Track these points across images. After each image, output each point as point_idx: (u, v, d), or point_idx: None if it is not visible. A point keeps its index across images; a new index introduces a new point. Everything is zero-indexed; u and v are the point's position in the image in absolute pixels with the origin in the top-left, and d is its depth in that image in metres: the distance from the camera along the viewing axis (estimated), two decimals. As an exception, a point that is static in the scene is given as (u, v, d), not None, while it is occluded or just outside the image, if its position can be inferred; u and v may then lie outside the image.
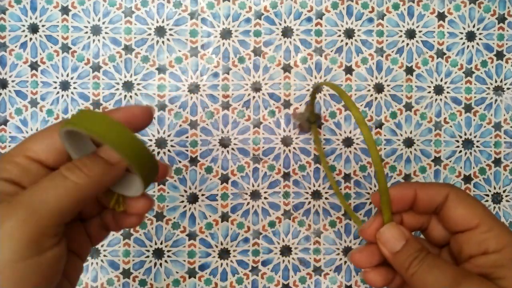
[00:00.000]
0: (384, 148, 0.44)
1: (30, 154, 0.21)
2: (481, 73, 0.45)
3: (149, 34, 0.44)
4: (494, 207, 0.44)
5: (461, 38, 0.45)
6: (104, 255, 0.44)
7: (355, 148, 0.44)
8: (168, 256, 0.44)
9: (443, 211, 0.25)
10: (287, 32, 0.44)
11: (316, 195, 0.44)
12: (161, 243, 0.44)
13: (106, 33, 0.44)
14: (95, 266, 0.43)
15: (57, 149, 0.21)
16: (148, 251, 0.44)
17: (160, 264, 0.44)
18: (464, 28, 0.45)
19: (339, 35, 0.44)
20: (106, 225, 0.26)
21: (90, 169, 0.20)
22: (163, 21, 0.44)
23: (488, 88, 0.45)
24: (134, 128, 0.23)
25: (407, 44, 0.44)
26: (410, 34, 0.44)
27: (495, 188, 0.44)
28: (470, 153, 0.44)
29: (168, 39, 0.44)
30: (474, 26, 0.45)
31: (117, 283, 0.43)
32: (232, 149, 0.44)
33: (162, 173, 0.24)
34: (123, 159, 0.20)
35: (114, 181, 0.21)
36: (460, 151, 0.44)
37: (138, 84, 0.44)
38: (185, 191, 0.44)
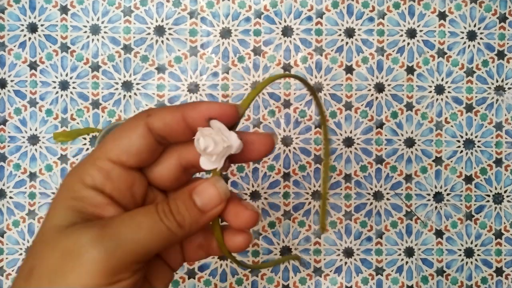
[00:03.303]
0: (385, 148, 0.44)
1: (112, 156, 0.20)
2: (482, 72, 0.44)
3: (149, 34, 0.44)
4: (495, 208, 0.44)
5: (462, 38, 0.44)
6: (103, 256, 0.43)
7: (355, 148, 0.44)
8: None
9: None
10: (287, 31, 0.44)
11: (317, 195, 0.44)
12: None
13: (105, 32, 0.44)
14: (94, 267, 0.43)
15: (137, 149, 0.20)
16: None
17: (160, 265, 0.43)
18: (465, 28, 0.44)
19: (340, 34, 0.44)
20: (205, 248, 0.24)
21: (183, 219, 0.19)
22: (162, 20, 0.44)
23: (489, 87, 0.44)
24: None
25: (408, 44, 0.44)
26: (411, 33, 0.44)
27: (496, 188, 0.44)
28: (471, 153, 0.44)
29: (167, 39, 0.44)
30: (475, 26, 0.44)
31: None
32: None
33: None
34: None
35: (204, 227, 0.21)
36: (461, 151, 0.44)
37: (138, 83, 0.44)
38: (185, 191, 0.44)
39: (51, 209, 0.19)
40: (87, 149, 0.43)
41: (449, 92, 0.44)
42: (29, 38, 0.44)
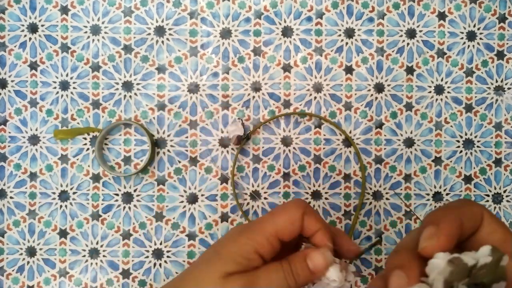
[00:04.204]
0: (384, 148, 0.44)
1: (279, 235, 0.28)
2: (482, 73, 0.44)
3: (149, 34, 0.44)
4: (495, 207, 0.44)
5: (462, 38, 0.44)
6: (104, 256, 0.43)
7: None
8: (168, 257, 0.43)
9: (475, 236, 0.23)
10: (287, 32, 0.44)
11: (316, 195, 0.44)
12: (161, 244, 0.44)
13: (105, 32, 0.44)
14: (94, 267, 0.43)
15: (296, 229, 0.28)
16: (147, 251, 0.44)
17: (160, 265, 0.44)
18: (464, 28, 0.44)
19: (339, 35, 0.44)
20: None
21: (298, 277, 0.27)
22: (162, 21, 0.44)
23: (489, 88, 0.44)
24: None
25: (408, 44, 0.44)
26: (411, 33, 0.44)
27: (495, 188, 0.44)
28: (471, 153, 0.44)
29: (167, 39, 0.44)
30: (474, 26, 0.44)
31: (117, 283, 0.43)
32: (232, 149, 0.44)
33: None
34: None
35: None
36: (461, 151, 0.44)
37: (138, 84, 0.44)
38: (185, 191, 0.44)
39: (217, 255, 0.28)
40: (87, 149, 0.44)
41: (448, 92, 0.44)
42: (30, 38, 0.44)
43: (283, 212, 0.29)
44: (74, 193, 0.44)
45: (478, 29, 0.44)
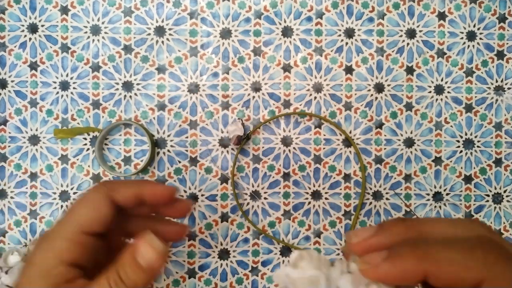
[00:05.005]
0: (384, 148, 0.44)
1: (86, 228, 0.23)
2: (482, 73, 0.44)
3: (149, 34, 0.44)
4: (495, 208, 0.44)
5: (462, 38, 0.44)
6: (104, 255, 0.44)
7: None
8: (168, 257, 0.44)
9: None
10: (287, 32, 0.44)
11: (316, 195, 0.44)
12: (161, 243, 0.44)
13: (105, 33, 0.44)
14: (95, 266, 0.43)
15: (106, 218, 0.24)
16: (148, 251, 0.44)
17: (160, 264, 0.44)
18: (464, 28, 0.44)
19: (339, 35, 0.44)
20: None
21: (133, 283, 0.22)
22: (162, 21, 0.44)
23: (489, 88, 0.44)
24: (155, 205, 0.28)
25: (408, 44, 0.44)
26: (411, 33, 0.44)
27: (495, 188, 0.44)
28: (471, 153, 0.44)
29: (167, 39, 0.44)
30: (474, 26, 0.44)
31: (117, 283, 0.43)
32: (232, 149, 0.44)
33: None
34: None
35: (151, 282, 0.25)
36: (461, 151, 0.44)
37: (138, 84, 0.44)
38: (185, 191, 0.44)
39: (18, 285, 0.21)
40: (87, 149, 0.44)
41: (448, 92, 0.44)
42: (30, 39, 0.44)
43: (81, 204, 0.24)
44: (74, 193, 0.44)
45: (478, 29, 0.44)
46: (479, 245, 0.17)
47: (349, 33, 0.44)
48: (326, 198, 0.44)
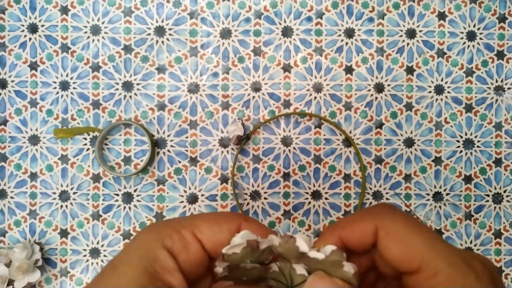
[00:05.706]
0: (384, 148, 0.44)
1: (197, 233, 0.21)
2: (482, 73, 0.44)
3: (149, 34, 0.44)
4: (495, 207, 0.44)
5: (462, 38, 0.44)
6: (104, 255, 0.44)
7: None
8: None
9: (378, 251, 0.20)
10: (287, 32, 0.44)
11: (316, 195, 0.44)
12: (161, 243, 0.44)
13: (105, 33, 0.44)
14: (95, 266, 0.43)
15: (221, 239, 0.21)
16: (148, 251, 0.44)
17: (160, 264, 0.44)
18: (464, 28, 0.44)
19: (339, 35, 0.44)
20: None
21: None
22: (162, 21, 0.44)
23: (489, 88, 0.44)
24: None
25: (408, 44, 0.44)
26: (411, 33, 0.44)
27: (495, 188, 0.44)
28: (471, 153, 0.44)
29: (167, 39, 0.44)
30: (474, 26, 0.44)
31: (117, 283, 0.43)
32: (232, 149, 0.44)
33: None
34: None
35: None
36: (461, 151, 0.44)
37: (138, 84, 0.44)
38: (185, 191, 0.44)
39: (122, 264, 0.20)
40: (88, 149, 0.44)
41: (448, 92, 0.44)
42: (30, 39, 0.44)
43: (213, 217, 0.22)
44: (74, 193, 0.44)
45: (478, 29, 0.44)
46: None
47: (349, 33, 0.44)
48: (326, 198, 0.44)
